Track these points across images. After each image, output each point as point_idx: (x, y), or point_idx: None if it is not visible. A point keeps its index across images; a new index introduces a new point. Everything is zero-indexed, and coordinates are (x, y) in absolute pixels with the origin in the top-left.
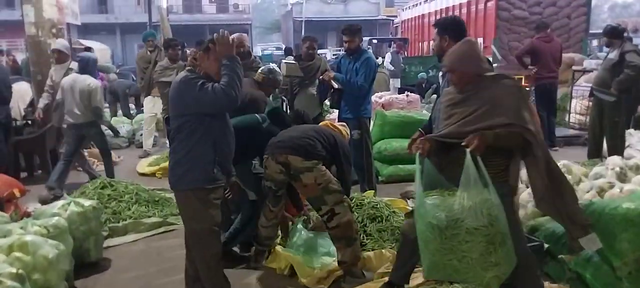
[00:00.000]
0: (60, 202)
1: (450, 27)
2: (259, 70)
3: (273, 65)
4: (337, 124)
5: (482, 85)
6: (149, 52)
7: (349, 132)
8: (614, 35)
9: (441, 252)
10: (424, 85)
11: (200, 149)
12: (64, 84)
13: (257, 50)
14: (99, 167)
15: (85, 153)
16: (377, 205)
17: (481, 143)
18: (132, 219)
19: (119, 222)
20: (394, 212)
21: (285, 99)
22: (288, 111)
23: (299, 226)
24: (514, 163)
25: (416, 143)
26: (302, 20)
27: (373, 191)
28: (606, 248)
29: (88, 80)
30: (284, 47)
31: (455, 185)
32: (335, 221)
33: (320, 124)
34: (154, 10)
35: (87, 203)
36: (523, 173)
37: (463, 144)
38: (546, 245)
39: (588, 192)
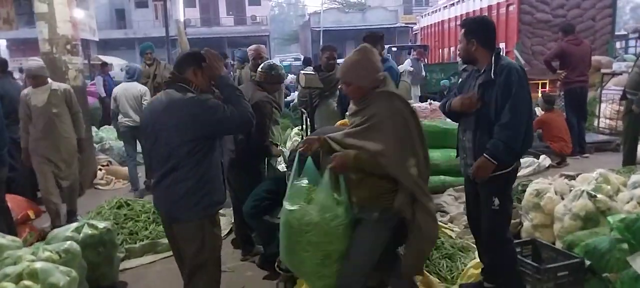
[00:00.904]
0: (74, 225)
1: (479, 30)
2: (259, 68)
3: (273, 61)
4: None
5: (372, 101)
6: (147, 66)
7: None
8: None
9: (288, 248)
10: (446, 93)
11: (213, 171)
12: (116, 92)
13: (276, 61)
14: (117, 185)
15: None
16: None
17: (340, 164)
18: (149, 240)
19: (135, 243)
20: None
21: (305, 111)
22: (306, 123)
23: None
24: (402, 188)
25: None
26: (320, 30)
27: None
28: None
29: (138, 87)
30: (302, 57)
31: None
32: None
33: (338, 123)
34: (171, 24)
35: (101, 225)
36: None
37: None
38: (587, 262)
39: (628, 202)
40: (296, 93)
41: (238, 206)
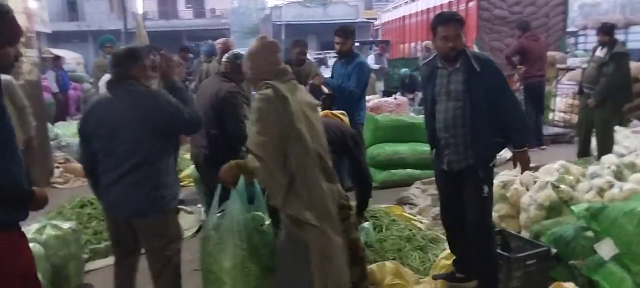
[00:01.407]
0: (35, 226)
1: (463, 24)
2: (223, 58)
3: (238, 50)
4: (336, 112)
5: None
6: (105, 59)
7: (348, 121)
8: (607, 32)
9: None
10: (407, 81)
11: (173, 165)
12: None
13: (241, 51)
14: (76, 183)
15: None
16: (376, 213)
17: (223, 176)
18: None
19: (100, 243)
20: (393, 220)
21: None
22: None
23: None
24: (293, 189)
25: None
26: (281, 24)
27: (370, 199)
28: (624, 253)
29: None
30: None
31: None
32: None
33: (320, 114)
34: (128, 17)
35: (65, 225)
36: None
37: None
38: (554, 250)
39: (588, 192)
40: None
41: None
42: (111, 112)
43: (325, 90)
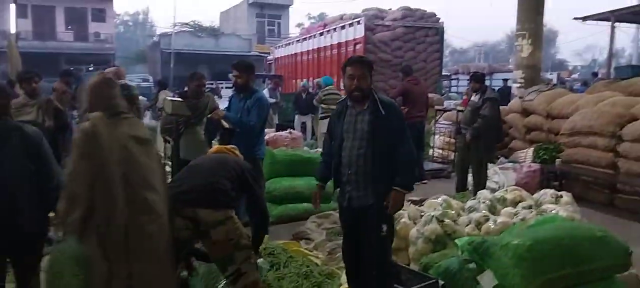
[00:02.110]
0: None
1: (371, 67)
2: None
3: (125, 81)
4: (228, 146)
5: None
6: None
7: (240, 155)
8: (478, 80)
9: None
10: (304, 96)
11: None
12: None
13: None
14: None
15: None
16: (273, 251)
17: None
18: None
19: None
20: (291, 256)
21: (169, 139)
22: (172, 152)
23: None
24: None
25: None
26: (170, 52)
27: (266, 236)
28: (501, 284)
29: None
30: (151, 79)
31: None
32: (241, 283)
33: (211, 150)
34: None
35: None
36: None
37: None
38: (441, 282)
39: (467, 225)
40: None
41: None
42: None
43: (225, 124)
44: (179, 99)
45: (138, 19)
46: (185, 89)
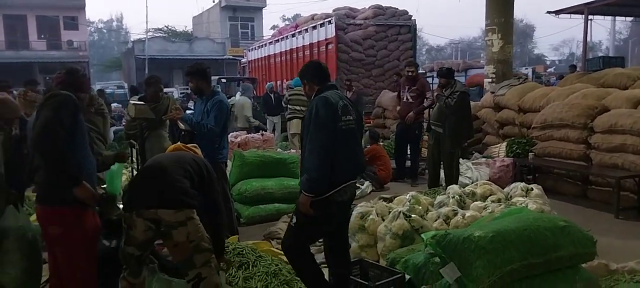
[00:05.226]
0: None
1: (312, 71)
2: None
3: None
4: (189, 145)
5: None
6: None
7: (200, 153)
8: (444, 75)
9: None
10: (273, 97)
11: None
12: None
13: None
14: None
15: None
16: (242, 250)
17: None
18: None
19: None
20: (260, 256)
21: (135, 143)
22: (138, 157)
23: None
24: None
25: None
26: (145, 58)
27: (236, 236)
28: (464, 276)
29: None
30: (126, 85)
31: None
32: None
33: (171, 147)
34: None
35: None
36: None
37: None
38: (407, 276)
39: (436, 220)
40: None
41: None
42: None
43: (182, 126)
44: (142, 103)
45: (112, 25)
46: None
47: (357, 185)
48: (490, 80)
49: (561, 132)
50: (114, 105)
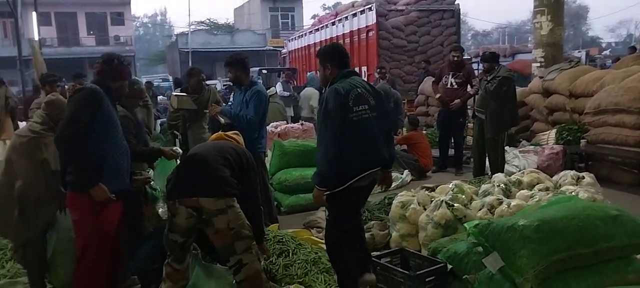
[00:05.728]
0: None
1: (329, 54)
2: None
3: (135, 77)
4: (230, 133)
5: None
6: None
7: (242, 141)
8: (488, 60)
9: None
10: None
11: None
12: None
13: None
14: None
15: None
16: (282, 238)
17: None
18: (6, 279)
19: None
20: (299, 244)
21: (177, 133)
22: (181, 146)
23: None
24: None
25: None
26: (188, 51)
27: (276, 224)
28: (508, 266)
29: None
30: (171, 78)
31: None
32: (243, 273)
33: (212, 137)
34: (24, 44)
35: None
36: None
37: None
38: (449, 266)
39: (480, 209)
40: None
41: None
42: None
43: (222, 120)
44: (184, 94)
45: (156, 20)
46: (186, 85)
47: (397, 174)
48: (538, 64)
49: (616, 118)
50: (159, 97)
